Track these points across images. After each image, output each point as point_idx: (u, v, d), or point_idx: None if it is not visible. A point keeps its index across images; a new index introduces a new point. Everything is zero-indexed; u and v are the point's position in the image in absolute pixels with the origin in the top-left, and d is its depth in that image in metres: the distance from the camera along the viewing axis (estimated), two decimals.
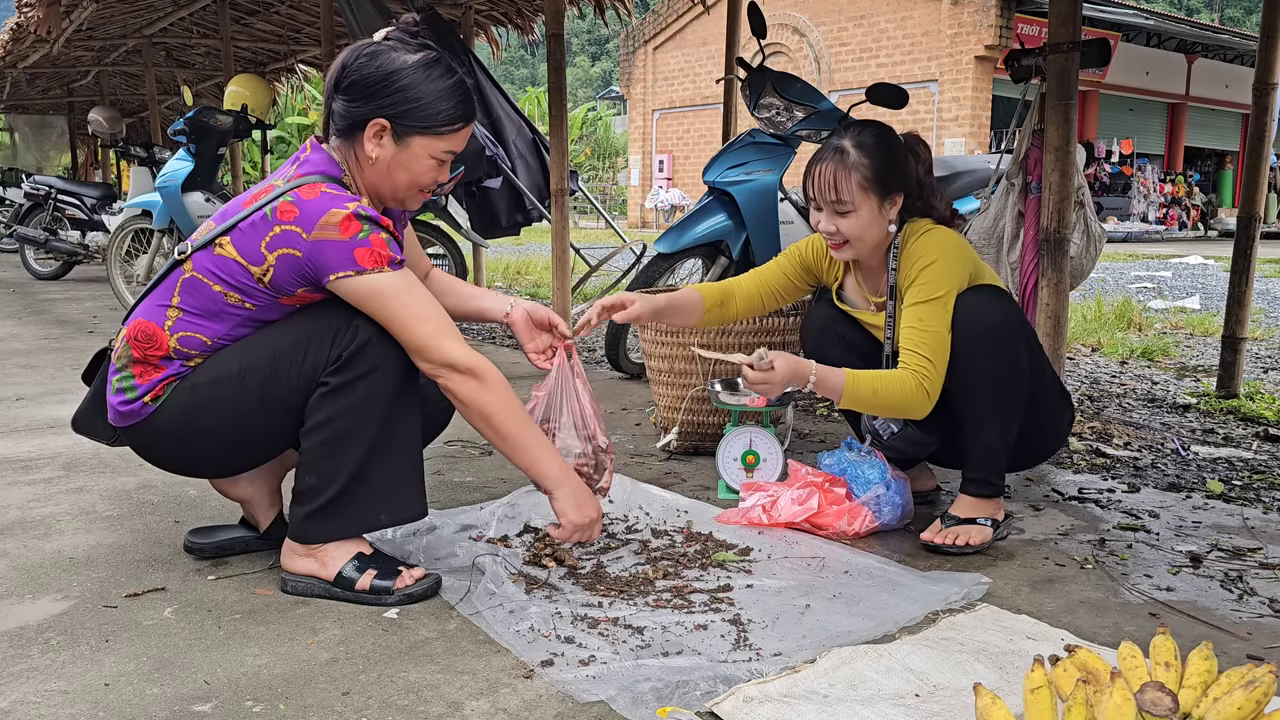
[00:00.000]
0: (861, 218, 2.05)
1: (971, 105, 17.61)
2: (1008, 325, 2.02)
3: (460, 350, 1.71)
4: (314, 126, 23.53)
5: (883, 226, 2.08)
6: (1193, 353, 5.12)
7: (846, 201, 2.04)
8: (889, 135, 2.09)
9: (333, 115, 1.77)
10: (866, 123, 2.13)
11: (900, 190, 2.08)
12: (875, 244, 2.10)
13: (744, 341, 2.79)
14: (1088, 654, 1.29)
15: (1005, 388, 2.03)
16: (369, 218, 1.67)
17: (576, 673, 1.48)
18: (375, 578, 1.78)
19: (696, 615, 1.70)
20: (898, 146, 2.09)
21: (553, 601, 1.75)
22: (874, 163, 2.03)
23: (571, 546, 2.01)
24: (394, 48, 1.75)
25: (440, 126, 1.74)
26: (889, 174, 2.05)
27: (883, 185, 2.04)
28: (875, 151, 2.04)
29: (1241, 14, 48.98)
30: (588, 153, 30.67)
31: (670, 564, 1.94)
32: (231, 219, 1.73)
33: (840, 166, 2.04)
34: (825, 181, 2.05)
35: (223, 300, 1.73)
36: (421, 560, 1.96)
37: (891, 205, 2.07)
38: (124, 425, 1.78)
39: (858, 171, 2.03)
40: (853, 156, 2.04)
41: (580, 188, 6.15)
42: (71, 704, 1.41)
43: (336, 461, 1.74)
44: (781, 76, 3.83)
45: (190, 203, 5.40)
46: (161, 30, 9.65)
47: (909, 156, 2.11)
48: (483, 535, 2.10)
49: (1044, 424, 2.17)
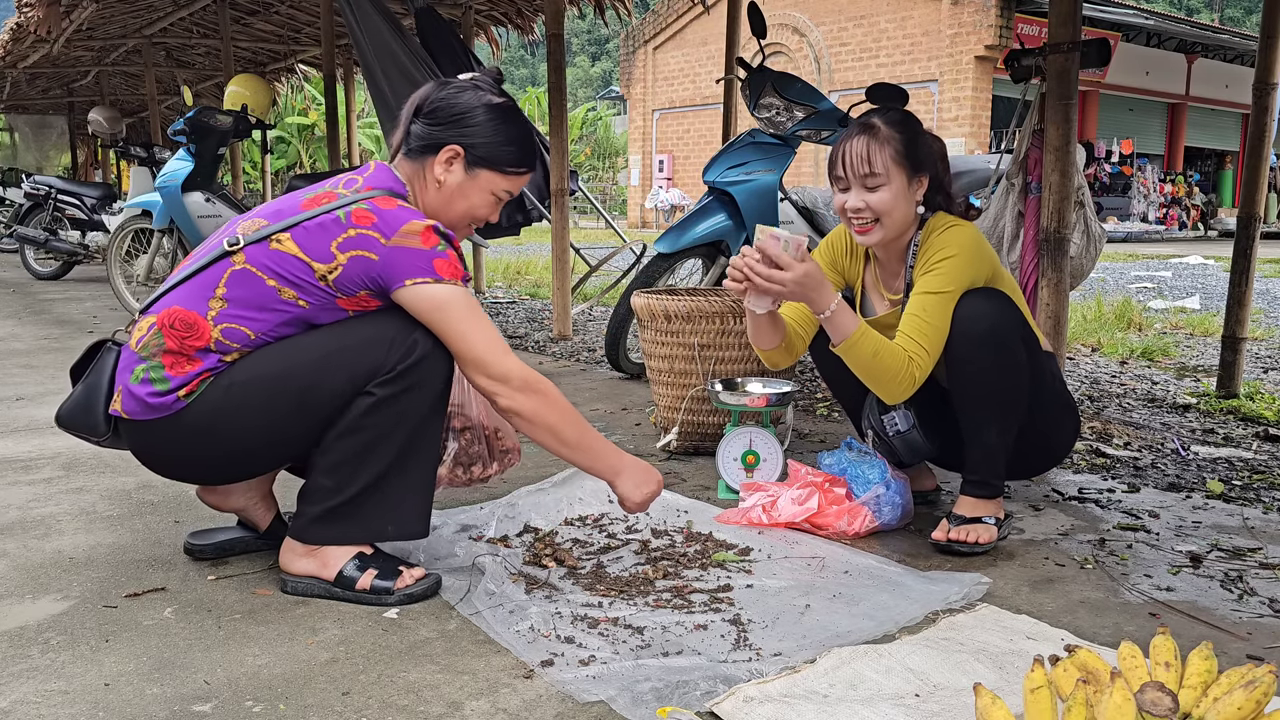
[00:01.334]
0: (894, 190, 2.05)
1: (971, 105, 17.62)
2: (1003, 329, 2.01)
3: (518, 365, 1.75)
4: (314, 126, 23.52)
5: (911, 205, 2.08)
6: (1193, 353, 5.12)
7: (880, 174, 2.04)
8: (914, 118, 2.12)
9: (409, 136, 1.85)
10: (889, 106, 2.16)
11: (927, 171, 2.09)
12: (903, 224, 2.09)
13: (744, 341, 2.79)
14: (1088, 654, 1.29)
15: (1002, 392, 2.03)
16: (446, 235, 1.73)
17: (576, 673, 1.48)
18: (376, 577, 1.78)
19: (696, 615, 1.70)
20: (922, 130, 2.11)
21: (553, 601, 1.75)
22: (904, 138, 2.05)
23: (571, 546, 2.03)
24: (479, 88, 1.87)
25: (507, 166, 1.85)
26: (918, 152, 2.07)
27: (913, 162, 2.06)
28: (905, 128, 2.07)
29: (1241, 14, 48.98)
30: (588, 153, 30.67)
31: (670, 564, 1.94)
32: (291, 218, 1.73)
33: (873, 139, 2.05)
34: (857, 154, 2.05)
35: (275, 295, 1.72)
36: (422, 560, 1.96)
37: (919, 185, 2.08)
38: (147, 418, 1.72)
39: (890, 145, 2.04)
40: (884, 131, 2.05)
41: (580, 188, 6.15)
42: (71, 704, 1.41)
43: (360, 468, 1.74)
44: (781, 76, 3.83)
45: (190, 203, 5.40)
46: (161, 30, 9.65)
47: (931, 142, 2.13)
48: (483, 535, 2.10)
49: (1046, 433, 2.16)
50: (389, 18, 6.09)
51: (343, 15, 6.40)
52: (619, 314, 3.87)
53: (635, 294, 3.02)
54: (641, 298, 2.96)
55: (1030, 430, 2.10)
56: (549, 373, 4.23)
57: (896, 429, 2.20)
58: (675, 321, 2.83)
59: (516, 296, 7.67)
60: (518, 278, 9.06)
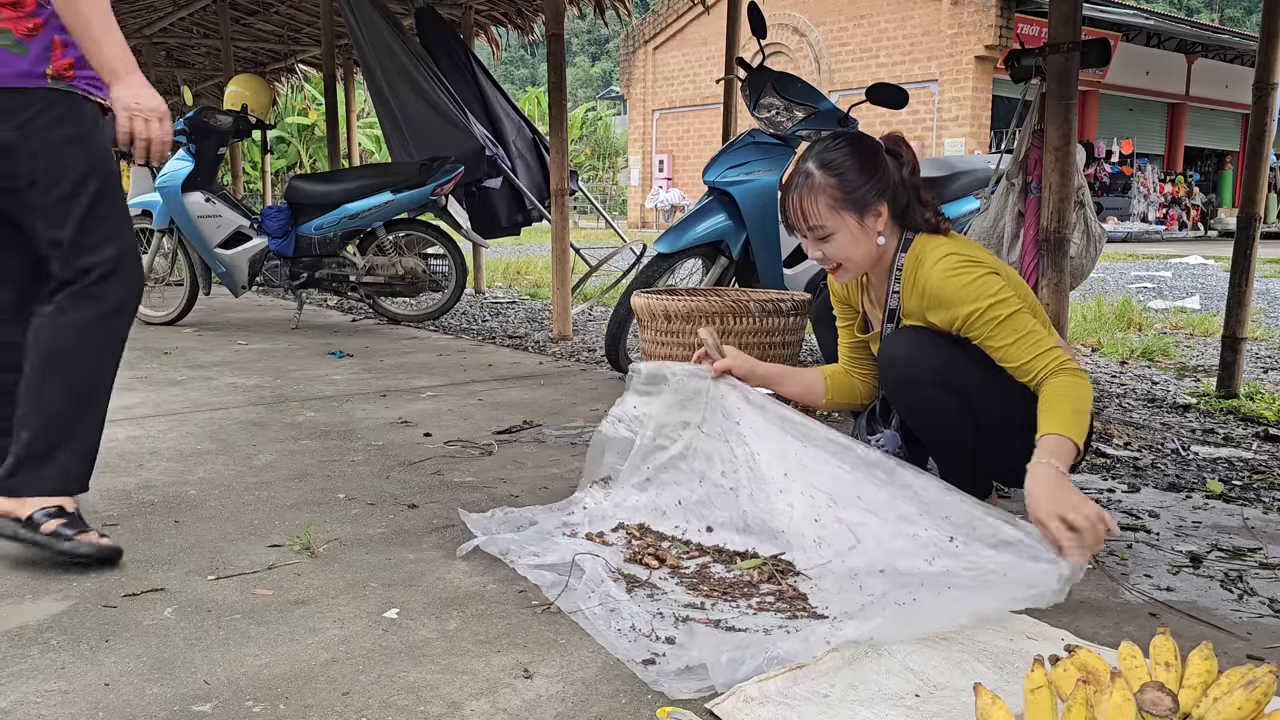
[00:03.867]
0: (841, 240, 1.97)
1: (971, 105, 17.62)
2: (920, 374, 1.95)
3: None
4: (314, 126, 23.50)
5: (870, 242, 1.98)
6: (1193, 353, 5.12)
7: (823, 225, 1.96)
8: (858, 145, 1.98)
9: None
10: (835, 135, 2.04)
11: (881, 200, 1.97)
12: (868, 259, 2.01)
13: (743, 341, 2.79)
14: (1088, 654, 1.29)
15: (937, 433, 2.05)
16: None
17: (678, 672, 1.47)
18: (62, 525, 1.89)
19: (800, 620, 1.67)
20: (869, 155, 1.97)
21: (654, 601, 1.73)
22: (841, 180, 1.94)
23: (670, 546, 1.99)
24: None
25: None
26: (861, 187, 1.94)
27: (856, 201, 1.94)
28: (842, 167, 1.94)
29: (1241, 14, 48.98)
30: (588, 153, 30.67)
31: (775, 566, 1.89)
32: None
33: (807, 191, 1.95)
34: (795, 212, 1.98)
35: None
36: (520, 555, 1.92)
37: (875, 217, 1.97)
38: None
39: (824, 194, 1.94)
40: (818, 178, 1.94)
41: (580, 188, 6.15)
42: (71, 704, 1.41)
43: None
44: (782, 76, 3.83)
45: (190, 203, 5.39)
46: (161, 30, 9.66)
47: (885, 162, 1.99)
48: (576, 532, 2.07)
49: (1018, 459, 2.10)
50: (389, 18, 6.09)
51: (343, 15, 6.41)
52: (619, 314, 3.87)
53: (635, 294, 3.03)
54: (641, 298, 2.96)
55: (1004, 453, 2.02)
56: (549, 373, 4.24)
57: (884, 450, 2.19)
58: (675, 321, 2.83)
59: (516, 296, 7.67)
60: (518, 278, 9.06)
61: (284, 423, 3.21)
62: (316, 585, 1.85)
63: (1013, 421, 1.92)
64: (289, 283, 5.50)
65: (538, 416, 3.32)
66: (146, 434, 3.05)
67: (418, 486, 2.50)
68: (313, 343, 5.09)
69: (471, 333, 5.60)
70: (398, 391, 3.77)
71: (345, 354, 4.68)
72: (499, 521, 2.09)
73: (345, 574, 1.91)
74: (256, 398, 3.62)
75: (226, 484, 2.51)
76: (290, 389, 3.80)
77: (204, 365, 4.35)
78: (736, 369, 2.11)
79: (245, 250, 5.49)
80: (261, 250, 5.47)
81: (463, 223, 5.67)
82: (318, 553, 2.02)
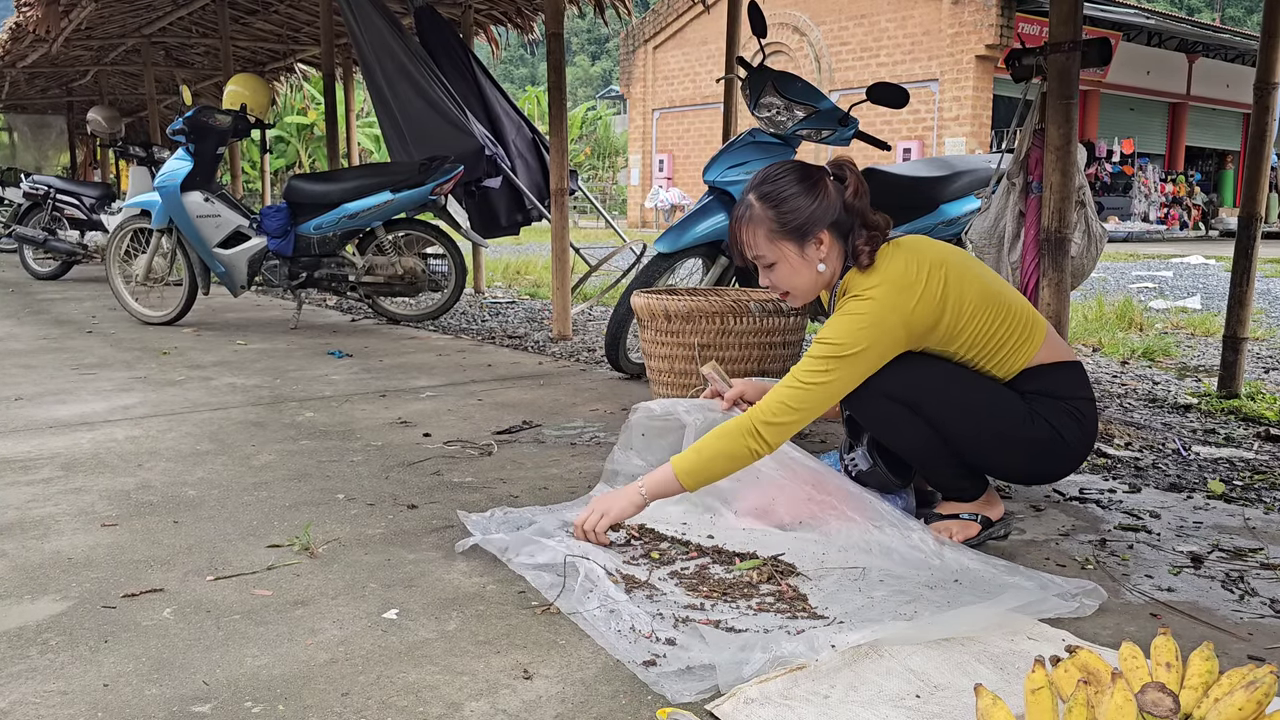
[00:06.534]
0: (782, 270, 1.99)
1: (972, 105, 17.62)
2: (863, 389, 1.95)
3: None
4: (313, 126, 23.51)
5: (810, 271, 1.98)
6: (1194, 353, 5.12)
7: (764, 255, 1.99)
8: (798, 175, 1.98)
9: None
10: (780, 164, 2.03)
11: (821, 228, 1.95)
12: (811, 287, 2.02)
13: (744, 341, 2.79)
14: (1089, 654, 1.28)
15: (900, 443, 2.06)
16: None
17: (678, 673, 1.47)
18: None
19: (800, 620, 1.67)
20: (808, 184, 1.96)
21: (654, 601, 1.73)
22: (779, 211, 1.95)
23: (669, 546, 2.02)
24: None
25: None
26: (798, 217, 1.95)
27: (794, 231, 1.95)
28: (780, 198, 1.96)
29: (1242, 13, 48.97)
30: (588, 152, 30.67)
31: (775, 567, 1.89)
32: None
33: (747, 222, 1.98)
34: (738, 243, 2.03)
35: None
36: (519, 555, 1.91)
37: (817, 245, 1.96)
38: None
39: (763, 225, 1.97)
40: (756, 209, 1.97)
41: (580, 187, 6.15)
42: (70, 704, 1.41)
43: None
44: (782, 76, 3.83)
45: (189, 202, 5.39)
46: (161, 30, 9.66)
47: (826, 190, 1.97)
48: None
49: (1001, 454, 2.06)
50: (389, 17, 6.09)
51: (342, 15, 6.40)
52: (619, 314, 3.87)
53: (635, 294, 3.02)
54: (641, 298, 2.95)
55: (989, 450, 2.03)
56: (549, 373, 4.23)
57: (858, 468, 2.18)
58: (675, 321, 2.83)
59: (516, 296, 7.66)
60: (517, 278, 9.06)
61: (283, 423, 3.21)
62: (316, 586, 1.85)
63: (973, 417, 1.98)
64: (288, 282, 5.50)
65: (537, 417, 3.31)
66: (145, 434, 3.04)
67: (417, 487, 2.50)
68: (312, 343, 5.08)
69: (471, 333, 5.60)
70: (397, 391, 3.76)
71: (344, 354, 4.68)
72: (498, 521, 2.09)
73: (344, 574, 1.91)
74: (255, 398, 3.62)
75: (225, 484, 2.51)
76: (289, 389, 3.80)
77: (203, 365, 4.35)
78: (747, 395, 2.19)
79: (244, 250, 5.48)
80: (260, 250, 5.46)
81: (462, 222, 5.66)
82: (317, 553, 2.02)
